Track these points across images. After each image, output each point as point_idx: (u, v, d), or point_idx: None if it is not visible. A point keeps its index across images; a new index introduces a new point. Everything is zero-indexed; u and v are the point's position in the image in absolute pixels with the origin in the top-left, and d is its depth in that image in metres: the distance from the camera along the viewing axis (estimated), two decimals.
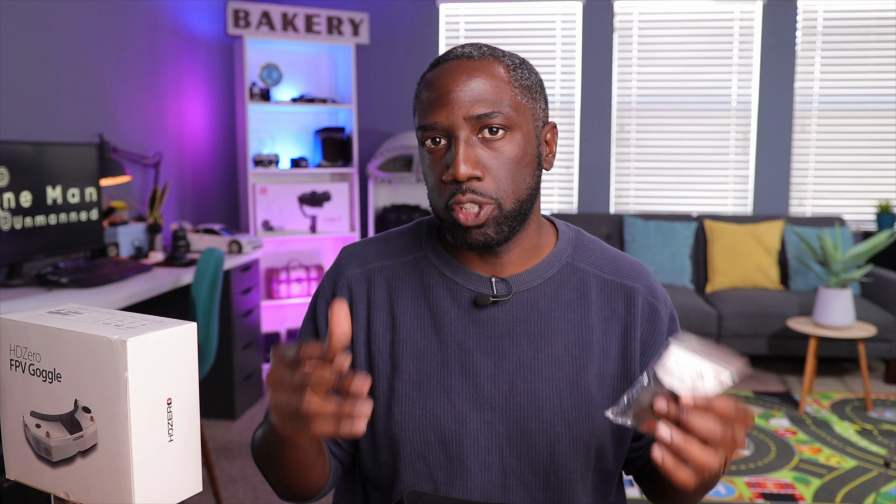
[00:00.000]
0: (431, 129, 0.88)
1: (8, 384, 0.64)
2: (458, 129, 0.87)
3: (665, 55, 4.77)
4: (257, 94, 4.05)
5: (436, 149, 0.90)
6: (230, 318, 3.28)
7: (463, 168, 0.86)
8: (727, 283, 4.36)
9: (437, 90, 0.89)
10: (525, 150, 0.90)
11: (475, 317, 0.95)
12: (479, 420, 0.93)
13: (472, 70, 0.89)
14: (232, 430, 3.27)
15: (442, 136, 0.89)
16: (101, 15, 3.22)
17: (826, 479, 2.79)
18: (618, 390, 0.96)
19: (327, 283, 1.03)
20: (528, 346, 0.94)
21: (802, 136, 4.75)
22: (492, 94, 0.88)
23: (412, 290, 0.98)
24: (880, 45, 4.63)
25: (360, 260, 1.02)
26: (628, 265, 1.01)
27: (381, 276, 1.00)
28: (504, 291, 0.95)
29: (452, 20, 4.82)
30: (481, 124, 0.87)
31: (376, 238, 1.05)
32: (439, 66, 0.91)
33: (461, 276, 0.97)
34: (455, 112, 0.87)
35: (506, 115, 0.88)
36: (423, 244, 1.01)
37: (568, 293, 0.97)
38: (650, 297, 0.99)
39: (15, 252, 2.45)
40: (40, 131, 2.82)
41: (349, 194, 4.30)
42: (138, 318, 0.62)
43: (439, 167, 0.89)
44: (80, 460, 0.60)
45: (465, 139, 0.87)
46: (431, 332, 0.96)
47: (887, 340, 3.87)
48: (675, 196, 4.88)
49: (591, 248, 1.02)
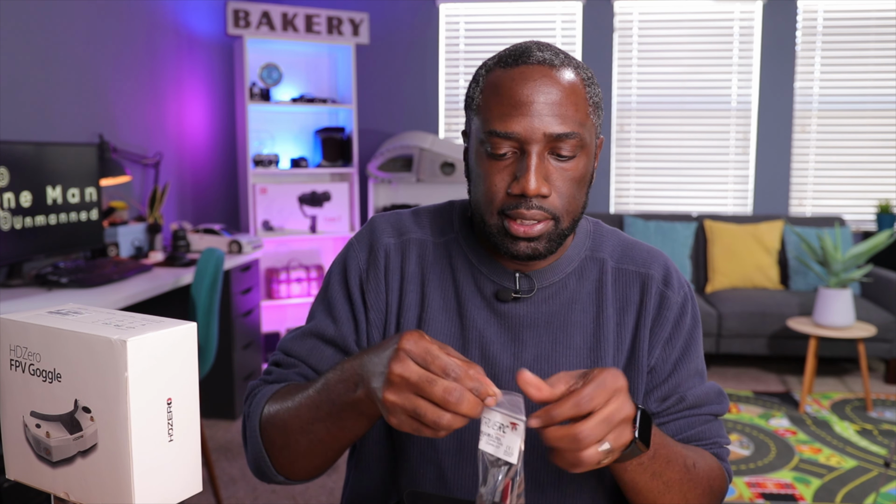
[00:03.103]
0: (505, 137, 0.85)
1: (8, 384, 0.64)
2: (535, 143, 0.85)
3: (665, 55, 4.77)
4: (257, 94, 4.05)
5: (501, 156, 0.87)
6: (230, 318, 3.28)
7: (535, 184, 0.84)
8: (727, 283, 4.36)
9: (515, 96, 0.85)
10: (587, 169, 0.90)
11: (497, 308, 0.95)
12: None
13: (553, 80, 0.85)
14: (232, 430, 3.27)
15: (513, 146, 0.86)
16: (101, 15, 3.22)
17: (826, 479, 2.79)
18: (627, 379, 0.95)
19: (360, 249, 1.00)
20: (548, 338, 0.95)
21: (802, 136, 4.75)
22: (571, 112, 0.85)
23: (441, 270, 0.98)
24: (880, 45, 4.63)
25: (396, 230, 1.00)
26: (645, 253, 1.01)
27: (415, 249, 0.99)
28: (527, 288, 0.95)
29: (452, 20, 4.82)
30: (558, 143, 0.85)
31: (408, 212, 1.03)
32: (517, 67, 0.86)
33: (486, 266, 0.96)
34: (535, 126, 0.84)
35: (580, 136, 0.86)
36: (454, 226, 1.00)
37: (588, 285, 0.97)
38: (662, 286, 0.98)
39: (15, 252, 2.45)
40: (40, 131, 2.82)
41: (349, 194, 4.30)
42: (138, 318, 0.62)
43: (502, 175, 0.87)
44: (80, 460, 0.60)
45: (539, 153, 0.85)
46: (455, 317, 0.96)
47: (887, 340, 3.86)
48: (675, 196, 4.88)
49: (610, 238, 1.02)
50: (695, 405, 0.97)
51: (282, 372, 0.97)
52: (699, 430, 0.96)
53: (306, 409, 0.84)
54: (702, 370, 0.99)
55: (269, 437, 0.89)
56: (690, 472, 0.87)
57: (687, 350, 0.97)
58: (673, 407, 0.96)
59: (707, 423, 0.97)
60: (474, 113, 0.90)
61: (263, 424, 0.90)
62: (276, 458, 0.89)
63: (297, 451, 0.87)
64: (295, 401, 0.86)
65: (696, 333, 0.99)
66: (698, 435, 0.96)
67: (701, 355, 1.00)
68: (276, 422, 0.88)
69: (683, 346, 0.97)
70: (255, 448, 0.91)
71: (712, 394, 0.98)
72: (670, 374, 0.96)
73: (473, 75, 0.93)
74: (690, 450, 0.91)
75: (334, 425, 0.81)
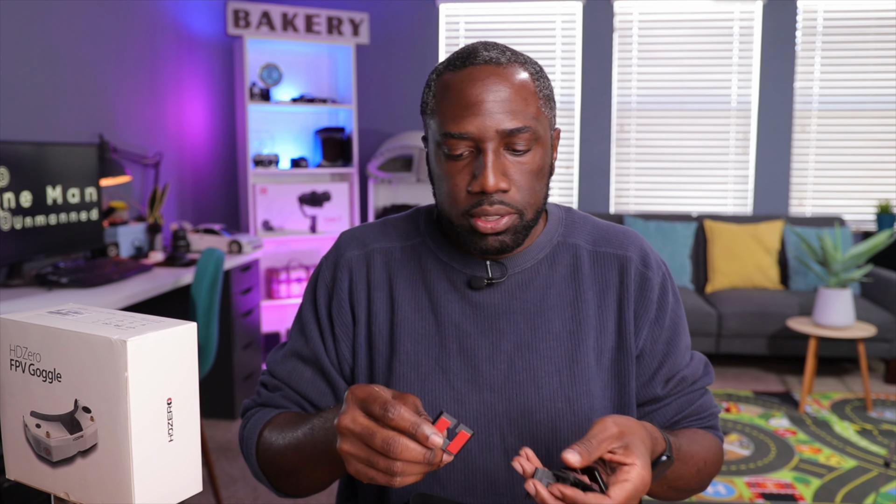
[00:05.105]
0: (459, 137, 0.87)
1: (8, 384, 0.64)
2: (489, 140, 0.86)
3: (665, 55, 4.77)
4: (257, 94, 4.05)
5: (458, 156, 0.89)
6: (230, 318, 3.28)
7: (493, 181, 0.86)
8: (727, 283, 4.36)
9: (465, 97, 0.87)
10: (544, 161, 0.91)
11: (471, 299, 0.96)
12: (478, 401, 0.94)
13: (501, 78, 0.87)
14: (232, 430, 3.27)
15: (468, 146, 0.88)
16: (101, 15, 3.22)
17: (826, 479, 2.79)
18: (615, 363, 0.97)
19: (326, 267, 1.03)
20: (525, 325, 0.96)
21: (802, 136, 4.75)
22: (521, 107, 0.87)
23: (410, 273, 0.99)
24: (880, 45, 4.63)
25: (359, 242, 1.02)
26: (621, 234, 1.02)
27: (380, 257, 1.00)
28: (499, 274, 0.96)
29: (452, 20, 4.82)
30: (512, 139, 0.87)
31: (375, 223, 1.06)
32: (465, 68, 0.88)
33: (457, 261, 0.98)
34: (487, 124, 0.86)
35: (533, 129, 0.88)
36: (421, 230, 1.02)
37: (561, 270, 0.98)
38: (641, 267, 0.99)
39: (15, 252, 2.45)
40: (40, 131, 2.82)
41: (349, 194, 4.30)
42: (138, 318, 0.62)
43: (461, 175, 0.89)
44: (80, 460, 0.60)
45: (494, 150, 0.87)
46: (429, 315, 0.97)
47: (887, 340, 3.86)
48: (675, 196, 4.88)
49: (582, 223, 1.03)
50: (692, 382, 1.01)
51: (269, 395, 1.01)
52: (697, 406, 1.01)
53: (294, 452, 0.88)
54: (689, 343, 1.03)
55: (265, 465, 0.94)
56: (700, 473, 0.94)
57: (675, 328, 1.00)
58: (675, 388, 1.00)
59: (702, 396, 1.03)
60: (429, 117, 0.92)
61: (259, 452, 0.95)
62: (273, 481, 0.95)
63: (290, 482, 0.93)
64: (285, 439, 0.90)
65: (680, 310, 1.02)
66: (697, 410, 1.01)
67: (686, 329, 1.03)
68: (269, 456, 0.93)
69: (671, 325, 1.00)
70: (253, 469, 0.97)
71: (701, 366, 1.03)
72: (667, 355, 0.99)
73: (427, 81, 0.94)
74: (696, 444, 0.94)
75: (320, 469, 0.86)
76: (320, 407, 1.00)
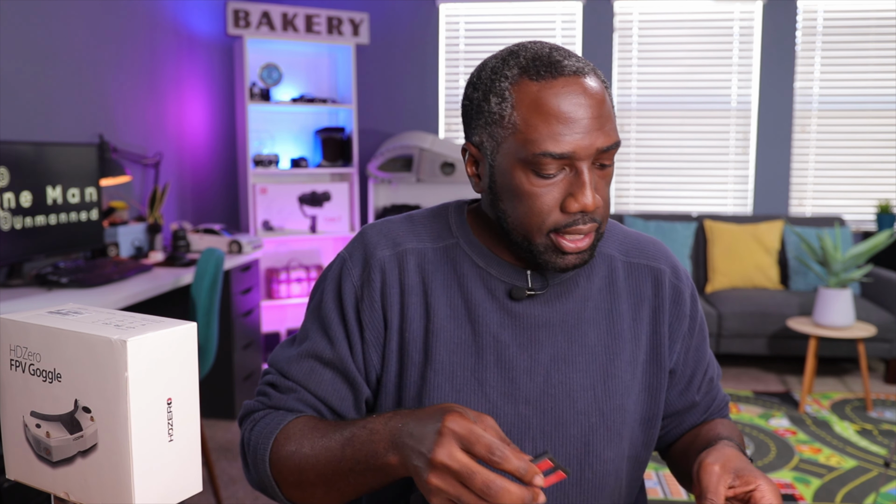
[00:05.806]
0: (559, 158, 0.82)
1: (8, 384, 0.64)
2: (587, 159, 0.83)
3: (665, 55, 4.77)
4: (257, 94, 4.05)
5: (549, 175, 0.84)
6: (230, 318, 3.28)
7: (593, 200, 0.83)
8: (727, 283, 4.36)
9: (564, 115, 0.81)
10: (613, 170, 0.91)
11: (510, 309, 0.93)
12: (513, 414, 0.92)
13: (590, 92, 0.83)
14: (232, 430, 3.27)
15: (562, 164, 0.83)
16: (101, 15, 3.22)
17: (826, 479, 2.79)
18: (647, 375, 0.97)
19: (353, 264, 0.95)
20: (563, 337, 0.94)
21: (802, 136, 4.75)
22: (612, 122, 0.85)
23: (445, 277, 0.94)
24: (880, 45, 4.63)
25: (390, 241, 0.95)
26: (651, 245, 1.02)
27: (413, 259, 0.94)
28: (539, 285, 0.94)
29: (452, 20, 4.82)
30: (603, 155, 0.85)
31: (401, 219, 0.99)
32: (554, 79, 0.82)
33: (495, 268, 0.94)
34: (588, 143, 0.82)
35: (618, 143, 0.86)
36: (453, 231, 0.97)
37: (598, 281, 0.97)
38: (674, 279, 1.00)
39: (15, 252, 2.45)
40: (40, 131, 2.82)
41: (349, 194, 4.30)
42: (138, 318, 0.62)
43: (552, 194, 0.84)
44: (80, 460, 0.60)
45: (590, 168, 0.84)
46: (466, 324, 0.93)
47: (887, 340, 3.86)
48: (675, 196, 4.88)
49: (613, 231, 1.02)
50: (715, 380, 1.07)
51: (281, 397, 0.94)
52: (718, 401, 1.06)
53: (326, 462, 0.82)
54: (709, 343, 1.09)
55: (281, 473, 0.87)
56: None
57: (702, 333, 1.03)
58: (709, 392, 1.05)
59: (718, 390, 1.07)
60: (506, 131, 0.84)
61: (274, 460, 0.88)
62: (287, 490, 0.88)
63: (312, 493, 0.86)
64: (314, 448, 0.84)
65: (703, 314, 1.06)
66: (718, 404, 1.06)
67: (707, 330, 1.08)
68: (291, 464, 0.86)
69: (700, 331, 1.02)
70: (262, 476, 0.89)
71: (715, 364, 1.08)
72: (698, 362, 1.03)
73: (486, 86, 0.86)
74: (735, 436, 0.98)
75: (356, 481, 0.80)
76: (339, 412, 0.94)
